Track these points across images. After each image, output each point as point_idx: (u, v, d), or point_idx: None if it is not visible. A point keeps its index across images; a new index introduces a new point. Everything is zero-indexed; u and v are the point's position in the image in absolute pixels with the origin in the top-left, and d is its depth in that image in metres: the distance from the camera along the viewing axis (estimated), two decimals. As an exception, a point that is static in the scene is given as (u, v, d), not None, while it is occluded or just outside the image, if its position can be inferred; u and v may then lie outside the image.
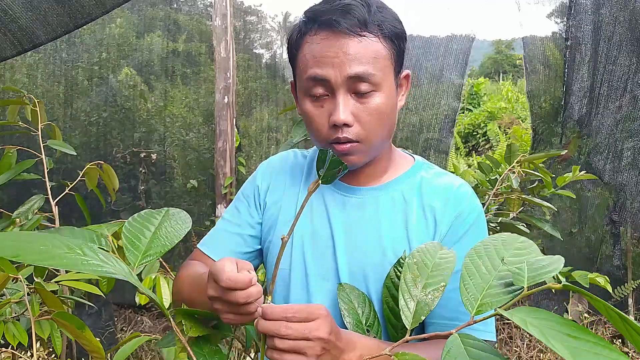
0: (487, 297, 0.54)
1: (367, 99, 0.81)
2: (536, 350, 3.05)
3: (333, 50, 0.79)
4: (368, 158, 0.87)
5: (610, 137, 3.05)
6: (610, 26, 2.94)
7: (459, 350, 0.49)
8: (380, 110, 0.82)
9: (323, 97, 0.82)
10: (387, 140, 0.90)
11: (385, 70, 0.82)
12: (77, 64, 3.23)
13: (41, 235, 0.52)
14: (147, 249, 0.68)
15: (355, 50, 0.78)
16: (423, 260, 0.66)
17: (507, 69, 18.00)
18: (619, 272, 3.15)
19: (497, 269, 0.58)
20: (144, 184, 3.36)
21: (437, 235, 0.88)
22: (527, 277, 0.53)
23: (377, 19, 0.80)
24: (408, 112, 3.70)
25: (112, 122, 3.32)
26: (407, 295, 0.62)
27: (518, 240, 0.63)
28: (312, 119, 0.85)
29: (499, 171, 2.18)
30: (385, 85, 0.82)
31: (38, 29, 1.36)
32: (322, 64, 0.79)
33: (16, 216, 1.76)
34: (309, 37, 0.82)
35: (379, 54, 0.81)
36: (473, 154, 7.85)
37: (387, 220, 0.90)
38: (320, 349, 0.64)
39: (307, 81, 0.82)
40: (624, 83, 2.95)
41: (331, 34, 0.79)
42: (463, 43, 3.59)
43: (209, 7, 3.66)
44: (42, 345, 1.74)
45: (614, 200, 3.10)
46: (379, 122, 0.83)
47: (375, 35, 0.80)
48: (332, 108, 0.81)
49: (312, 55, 0.81)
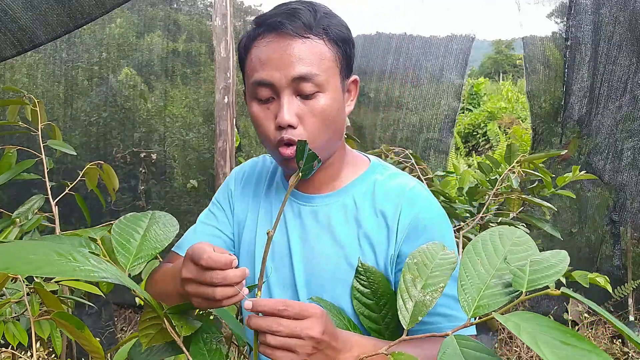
0: (484, 299, 0.53)
1: (312, 100, 0.81)
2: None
3: (278, 53, 0.80)
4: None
5: (610, 137, 3.05)
6: (610, 26, 2.94)
7: (455, 351, 0.49)
8: (325, 111, 0.82)
9: (269, 100, 0.83)
10: (335, 143, 0.89)
11: (329, 72, 0.82)
12: (77, 64, 3.23)
13: (30, 244, 0.51)
14: (137, 251, 0.69)
15: (299, 51, 0.79)
16: (423, 260, 0.66)
17: (507, 69, 18.00)
18: (619, 272, 3.15)
19: (496, 267, 0.56)
20: (144, 184, 3.36)
21: (392, 239, 0.87)
22: (527, 280, 0.52)
23: (322, 23, 0.82)
24: (408, 112, 3.71)
25: (112, 122, 3.32)
26: (405, 295, 0.62)
27: (515, 234, 0.63)
28: (259, 122, 0.84)
29: (499, 171, 2.18)
30: (330, 88, 0.82)
31: (38, 29, 1.36)
32: (267, 67, 0.80)
33: (16, 216, 1.76)
34: (257, 42, 0.83)
35: (324, 56, 0.81)
36: (473, 154, 7.85)
37: (340, 227, 0.90)
38: (311, 348, 0.64)
39: (254, 85, 0.82)
40: (624, 83, 2.95)
41: (276, 37, 0.80)
42: (463, 43, 3.59)
43: (209, 7, 3.66)
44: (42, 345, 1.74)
45: (614, 200, 3.10)
46: (323, 123, 0.83)
47: (320, 37, 0.81)
48: (277, 110, 0.81)
49: (258, 59, 0.82)
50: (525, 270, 0.53)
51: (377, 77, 3.83)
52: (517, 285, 0.52)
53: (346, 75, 0.87)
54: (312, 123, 0.82)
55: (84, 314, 2.82)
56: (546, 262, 0.54)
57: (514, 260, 0.57)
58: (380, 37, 3.88)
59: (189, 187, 3.38)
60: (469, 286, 0.55)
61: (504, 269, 0.56)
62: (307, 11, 0.81)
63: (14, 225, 1.73)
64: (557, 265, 0.53)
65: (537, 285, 0.51)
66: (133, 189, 3.36)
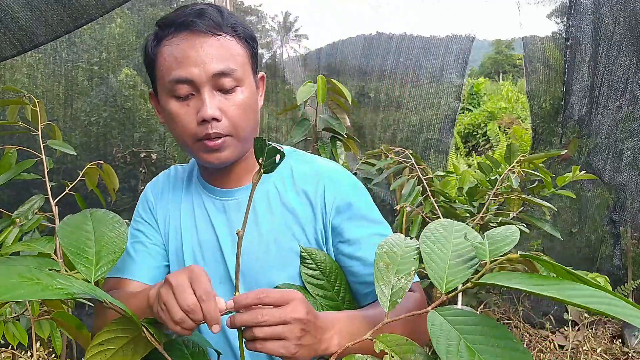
0: (451, 275, 0.60)
1: (232, 94, 0.85)
2: (536, 351, 3.05)
3: (194, 50, 0.82)
4: (239, 153, 0.90)
5: (610, 137, 3.04)
6: (610, 26, 2.94)
7: (441, 322, 0.55)
8: (246, 104, 0.86)
9: (188, 97, 0.84)
10: (254, 135, 0.91)
11: (244, 67, 0.87)
12: (77, 64, 3.23)
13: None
14: (97, 259, 0.68)
15: (215, 48, 0.83)
16: (392, 249, 0.71)
17: (507, 69, 18.01)
18: (619, 272, 3.15)
19: (450, 249, 0.64)
20: (144, 184, 3.36)
21: (318, 215, 0.91)
22: (488, 251, 0.59)
23: (230, 22, 0.86)
24: (408, 112, 3.71)
25: (112, 122, 3.32)
26: (381, 282, 0.66)
27: (454, 224, 0.71)
28: (178, 118, 0.85)
29: (499, 171, 2.18)
30: (246, 82, 0.87)
31: (38, 29, 1.36)
32: (185, 64, 0.82)
33: (16, 216, 1.76)
34: (167, 41, 0.84)
35: (238, 52, 0.86)
36: (473, 154, 7.85)
37: (266, 214, 0.92)
38: (299, 330, 0.64)
39: (171, 83, 0.83)
40: (624, 83, 2.95)
41: (190, 34, 0.83)
42: (463, 43, 3.59)
43: (209, 7, 3.66)
44: (42, 345, 1.74)
45: (614, 200, 3.10)
46: (245, 116, 0.86)
47: (231, 35, 0.85)
48: (199, 105, 0.83)
49: (174, 57, 0.83)
50: (485, 242, 0.61)
51: (377, 77, 3.83)
52: (481, 255, 0.59)
53: (255, 72, 0.92)
54: (235, 115, 0.85)
55: (84, 314, 2.82)
56: (500, 235, 0.63)
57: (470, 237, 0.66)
58: (380, 37, 3.88)
59: (189, 187, 3.38)
60: (435, 267, 0.61)
61: (459, 248, 0.64)
62: (214, 11, 0.85)
63: (14, 225, 1.73)
64: (510, 236, 0.62)
65: (498, 253, 0.59)
66: (133, 189, 3.36)
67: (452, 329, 0.53)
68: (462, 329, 0.53)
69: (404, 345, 0.59)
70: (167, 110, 0.87)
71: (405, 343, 0.60)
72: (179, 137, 0.88)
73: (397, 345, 0.60)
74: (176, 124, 0.86)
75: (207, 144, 0.85)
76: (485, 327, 0.52)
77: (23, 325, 1.44)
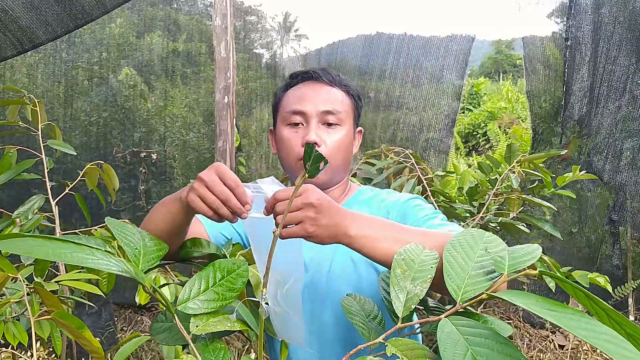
0: (469, 285, 0.61)
1: (333, 129, 1.06)
2: (536, 350, 3.05)
3: (312, 92, 1.06)
4: (327, 180, 1.08)
5: (610, 137, 3.05)
6: (610, 26, 2.94)
7: (452, 330, 0.55)
8: (342, 141, 1.06)
9: (299, 125, 1.06)
10: (343, 171, 1.11)
11: (347, 114, 1.08)
12: (77, 64, 3.23)
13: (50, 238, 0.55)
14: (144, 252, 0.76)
15: (329, 93, 1.07)
16: (410, 257, 0.73)
17: (507, 69, 18.02)
18: (619, 272, 3.15)
19: (474, 260, 0.65)
20: (144, 184, 3.36)
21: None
22: (507, 265, 0.61)
23: (343, 81, 1.11)
24: (408, 112, 3.71)
25: (112, 122, 3.32)
26: (397, 287, 0.68)
27: (484, 234, 0.72)
28: (288, 141, 1.05)
29: (499, 171, 2.18)
30: (346, 125, 1.07)
31: (38, 29, 1.36)
32: (303, 101, 1.06)
33: (16, 216, 1.76)
34: (293, 87, 1.10)
35: (345, 101, 1.08)
36: (473, 154, 7.86)
37: None
38: (312, 212, 0.74)
39: (289, 113, 1.06)
40: (624, 83, 2.95)
41: (311, 82, 1.09)
42: (463, 43, 3.59)
43: (209, 7, 3.67)
44: (42, 345, 1.74)
45: (613, 200, 3.10)
46: (339, 150, 1.06)
47: (343, 90, 1.09)
48: (306, 133, 1.04)
49: (295, 96, 1.07)
50: (505, 256, 0.62)
51: (377, 77, 3.83)
52: (499, 268, 0.60)
53: (356, 124, 1.13)
54: (332, 147, 1.05)
55: (84, 314, 2.82)
56: (521, 251, 0.64)
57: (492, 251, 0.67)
58: (381, 37, 3.88)
59: (189, 187, 3.37)
60: (454, 276, 0.62)
61: (482, 260, 0.65)
62: (333, 72, 1.11)
63: (14, 225, 1.73)
64: (531, 253, 0.63)
65: (517, 267, 0.60)
66: (133, 189, 3.36)
67: (462, 339, 0.53)
68: (472, 340, 0.53)
69: (415, 350, 0.60)
70: (280, 136, 1.07)
71: (417, 347, 0.60)
72: (286, 158, 1.07)
73: (408, 350, 0.60)
74: (285, 146, 1.06)
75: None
76: (495, 342, 0.53)
77: (23, 325, 1.44)
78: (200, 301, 0.71)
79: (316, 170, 0.67)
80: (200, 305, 0.71)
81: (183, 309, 0.70)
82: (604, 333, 0.46)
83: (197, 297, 0.72)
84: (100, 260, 0.55)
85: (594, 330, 0.46)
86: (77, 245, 0.55)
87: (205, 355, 0.67)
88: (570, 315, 0.49)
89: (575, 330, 0.46)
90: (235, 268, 0.78)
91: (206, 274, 0.75)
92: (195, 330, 0.68)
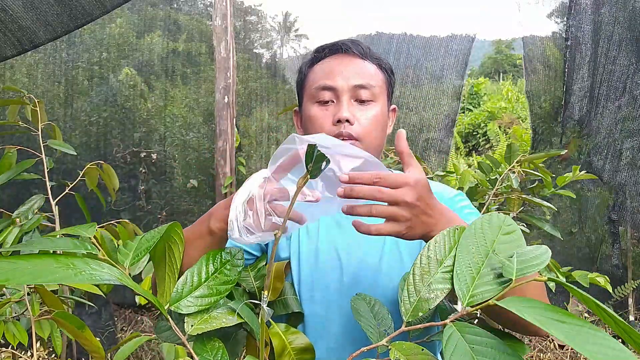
0: (478, 288, 0.57)
1: (367, 106, 0.95)
2: (536, 350, 3.05)
3: (342, 65, 0.95)
4: None
5: (610, 137, 3.05)
6: (610, 26, 2.94)
7: (458, 337, 0.53)
8: (377, 118, 0.95)
9: (329, 103, 0.95)
10: (378, 154, 0.99)
11: (381, 89, 0.97)
12: (77, 64, 3.23)
13: (26, 256, 0.51)
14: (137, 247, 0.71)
15: (360, 66, 0.96)
16: (435, 255, 0.66)
17: (507, 69, 18.02)
18: (619, 272, 3.15)
19: (487, 255, 0.60)
20: (144, 184, 3.36)
21: None
22: (515, 269, 0.56)
23: (375, 55, 1.00)
24: (408, 112, 3.71)
25: (112, 122, 3.32)
26: (412, 288, 0.62)
27: (506, 221, 0.65)
28: (316, 119, 0.95)
29: (499, 171, 2.18)
30: (380, 101, 0.96)
31: (38, 29, 1.36)
32: (332, 75, 0.95)
33: (16, 216, 1.76)
34: (321, 61, 0.98)
35: (378, 75, 0.97)
36: (473, 153, 7.86)
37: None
38: (408, 213, 0.67)
39: (317, 89, 0.95)
40: (624, 83, 2.95)
41: (340, 55, 0.97)
42: (463, 43, 3.59)
43: (209, 7, 3.67)
44: (42, 345, 1.74)
45: (613, 199, 3.10)
46: (374, 127, 0.94)
47: (375, 63, 0.98)
48: (337, 110, 0.93)
49: (323, 71, 0.97)
50: (513, 260, 0.58)
51: (377, 77, 3.83)
52: (507, 273, 0.56)
53: (390, 101, 1.02)
54: (366, 124, 0.93)
55: (84, 313, 2.82)
56: (531, 254, 0.59)
57: (503, 249, 0.61)
58: (381, 37, 3.88)
59: (189, 187, 3.38)
60: (462, 275, 0.58)
61: (495, 258, 0.60)
62: (364, 44, 1.00)
63: (14, 225, 1.73)
64: (541, 256, 0.58)
65: (525, 273, 0.56)
66: (133, 188, 3.36)
67: (467, 347, 0.52)
68: (478, 349, 0.51)
69: (420, 355, 0.58)
70: (307, 115, 0.97)
71: (421, 353, 0.58)
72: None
73: (412, 354, 0.58)
74: (313, 124, 0.95)
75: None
76: (502, 354, 0.51)
77: (23, 325, 1.44)
78: (193, 298, 0.68)
79: (318, 170, 0.62)
80: (193, 303, 0.67)
81: (176, 308, 0.66)
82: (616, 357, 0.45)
83: (190, 295, 0.68)
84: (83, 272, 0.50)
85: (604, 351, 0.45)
86: (56, 260, 0.51)
87: (202, 355, 0.65)
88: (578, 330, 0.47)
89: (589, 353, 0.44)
90: (229, 258, 0.74)
91: (198, 268, 0.71)
92: (190, 330, 0.65)
